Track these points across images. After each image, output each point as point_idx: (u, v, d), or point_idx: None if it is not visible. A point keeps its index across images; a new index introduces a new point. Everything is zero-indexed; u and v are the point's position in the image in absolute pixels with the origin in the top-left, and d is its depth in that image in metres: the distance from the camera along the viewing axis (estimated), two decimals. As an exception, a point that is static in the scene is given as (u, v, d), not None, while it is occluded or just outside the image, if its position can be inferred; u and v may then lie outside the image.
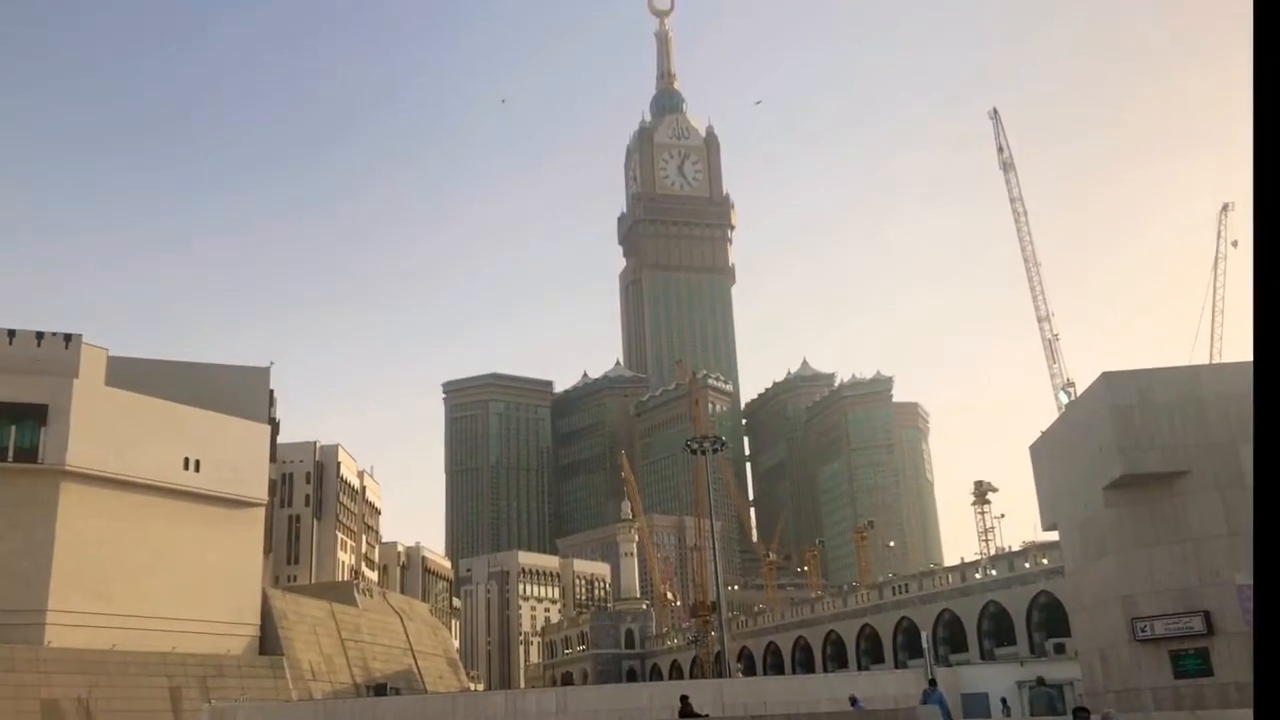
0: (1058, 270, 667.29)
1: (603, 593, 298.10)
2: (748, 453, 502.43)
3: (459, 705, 72.35)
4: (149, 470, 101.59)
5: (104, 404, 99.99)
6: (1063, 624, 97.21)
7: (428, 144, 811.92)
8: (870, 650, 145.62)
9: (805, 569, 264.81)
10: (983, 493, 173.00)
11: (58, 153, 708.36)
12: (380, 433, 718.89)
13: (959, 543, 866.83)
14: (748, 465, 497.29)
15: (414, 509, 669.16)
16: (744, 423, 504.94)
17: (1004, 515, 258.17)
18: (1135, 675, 34.93)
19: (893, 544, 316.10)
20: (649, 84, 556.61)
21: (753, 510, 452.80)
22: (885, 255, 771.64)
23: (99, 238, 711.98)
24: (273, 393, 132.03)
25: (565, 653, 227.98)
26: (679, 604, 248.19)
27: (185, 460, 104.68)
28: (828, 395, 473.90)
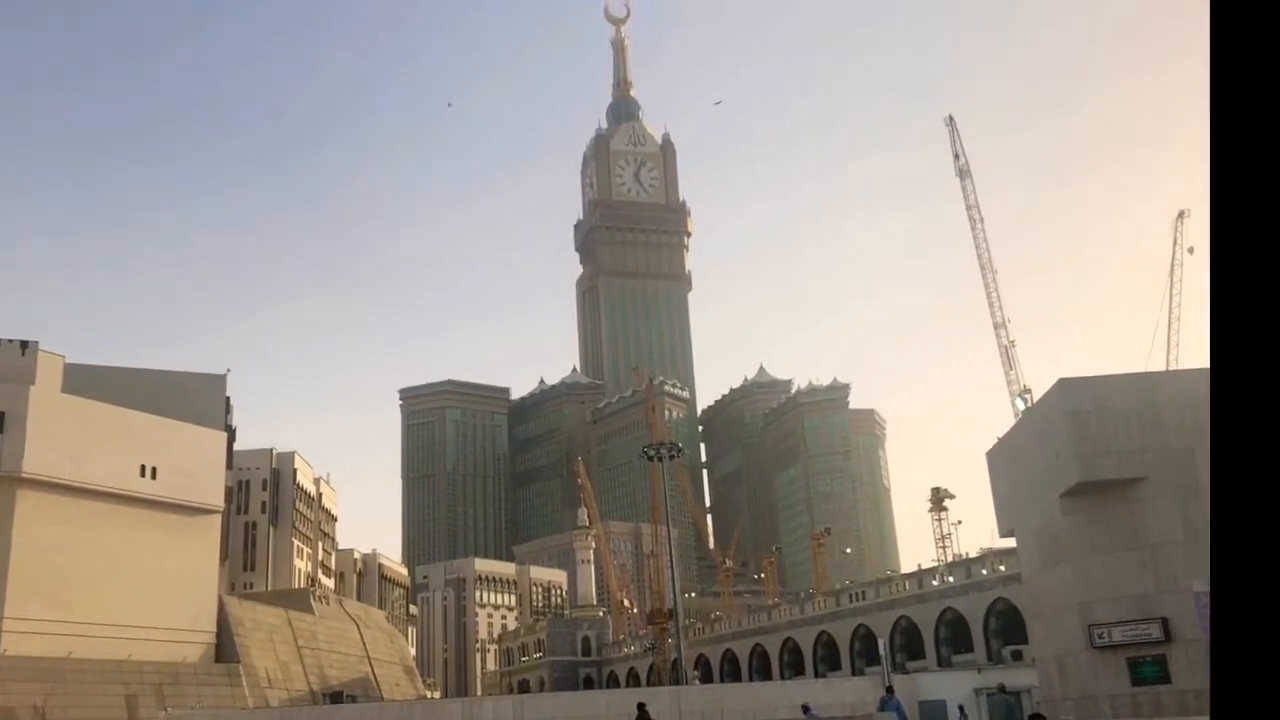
0: (1015, 274, 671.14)
1: (559, 600, 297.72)
2: (704, 459, 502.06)
3: (416, 713, 72.38)
4: (106, 477, 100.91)
5: (61, 411, 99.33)
6: (1020, 631, 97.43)
7: (384, 152, 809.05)
8: (827, 658, 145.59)
9: (762, 576, 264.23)
10: (940, 499, 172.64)
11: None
12: (337, 440, 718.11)
13: (916, 550, 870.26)
14: (704, 472, 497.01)
15: (371, 516, 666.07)
16: (701, 429, 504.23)
17: (961, 522, 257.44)
18: (1093, 682, 35.05)
19: (850, 551, 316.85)
20: (606, 91, 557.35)
21: (709, 517, 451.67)
22: (843, 261, 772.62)
23: (54, 245, 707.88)
24: (229, 399, 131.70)
25: (522, 660, 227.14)
26: (636, 611, 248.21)
27: (142, 467, 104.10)
28: (784, 402, 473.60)
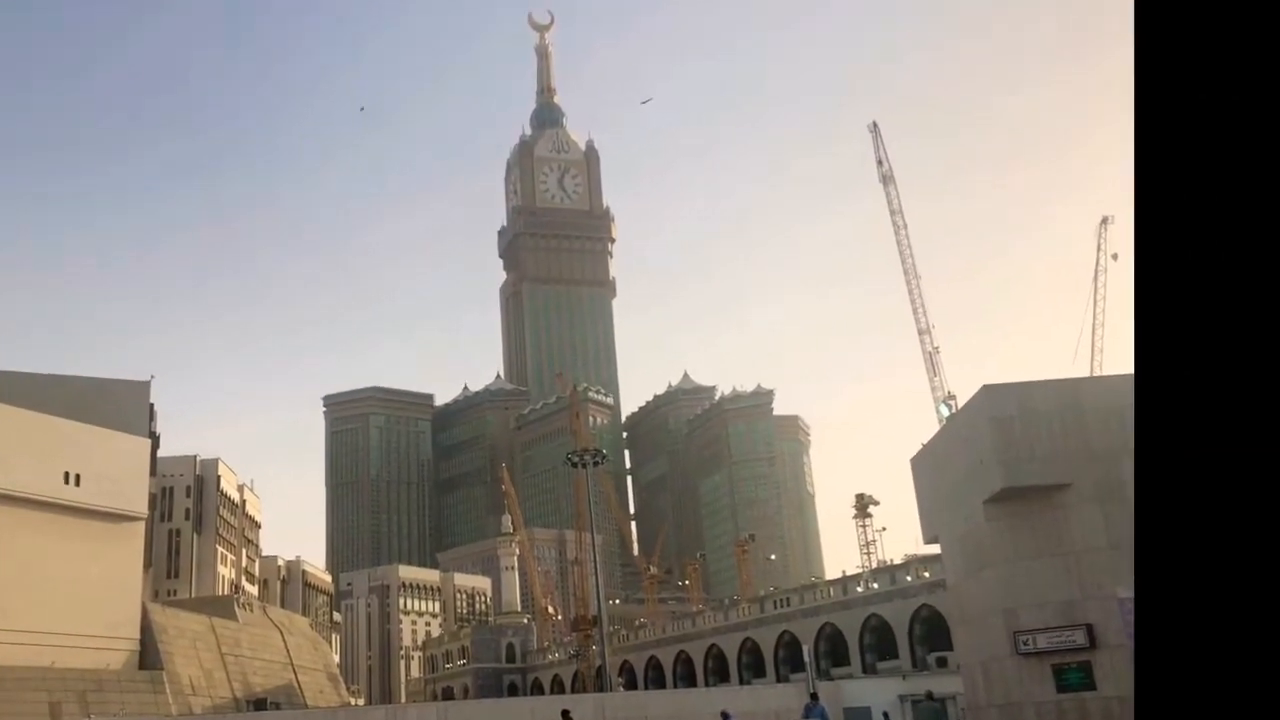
0: (940, 279, 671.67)
1: (484, 607, 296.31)
2: (629, 466, 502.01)
3: (340, 720, 72.06)
4: (28, 484, 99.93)
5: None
6: (945, 637, 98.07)
7: (309, 159, 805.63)
8: (752, 664, 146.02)
9: (686, 583, 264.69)
10: (864, 506, 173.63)
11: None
12: (262, 447, 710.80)
13: (841, 556, 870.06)
14: (629, 479, 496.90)
15: (295, 523, 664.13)
16: (625, 436, 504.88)
17: (885, 528, 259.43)
18: (1018, 689, 35.12)
19: (774, 557, 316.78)
20: (530, 98, 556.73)
21: (634, 524, 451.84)
22: (768, 267, 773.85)
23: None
24: (153, 407, 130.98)
25: (446, 667, 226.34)
26: (560, 618, 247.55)
27: (65, 474, 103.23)
28: (709, 408, 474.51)
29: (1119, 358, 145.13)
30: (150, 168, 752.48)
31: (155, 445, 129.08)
